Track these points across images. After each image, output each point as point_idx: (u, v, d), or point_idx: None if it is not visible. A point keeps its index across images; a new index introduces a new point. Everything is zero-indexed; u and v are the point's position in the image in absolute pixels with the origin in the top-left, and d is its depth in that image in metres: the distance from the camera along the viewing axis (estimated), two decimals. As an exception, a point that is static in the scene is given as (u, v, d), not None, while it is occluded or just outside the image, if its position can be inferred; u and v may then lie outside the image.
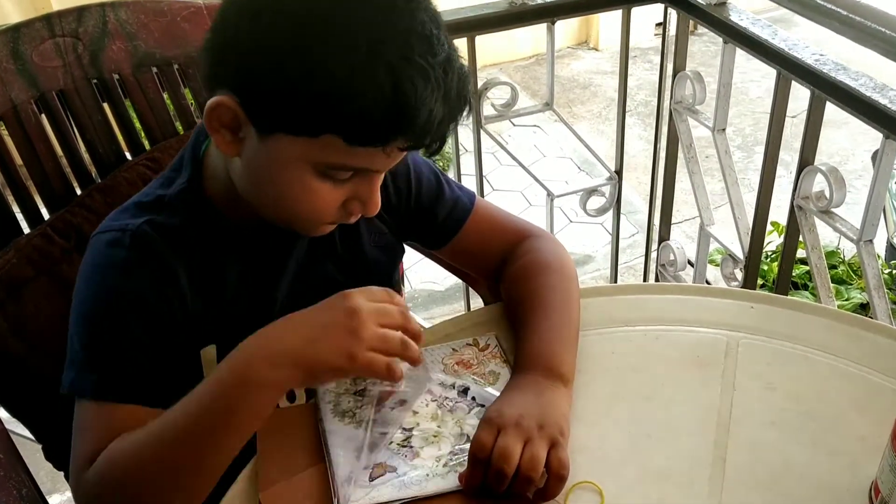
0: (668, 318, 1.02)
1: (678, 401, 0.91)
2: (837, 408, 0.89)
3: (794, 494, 0.81)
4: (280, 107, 0.76)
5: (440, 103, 0.77)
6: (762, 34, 1.45)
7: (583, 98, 4.62)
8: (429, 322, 1.97)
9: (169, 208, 0.88)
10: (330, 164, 0.80)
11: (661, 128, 1.89)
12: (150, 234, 0.86)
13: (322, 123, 0.76)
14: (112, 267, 0.86)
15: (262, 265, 0.93)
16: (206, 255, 0.89)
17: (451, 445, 0.86)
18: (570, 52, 5.10)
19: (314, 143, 0.77)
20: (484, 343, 0.99)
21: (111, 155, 1.15)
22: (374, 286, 0.82)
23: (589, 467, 0.83)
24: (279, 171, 0.81)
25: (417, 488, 0.81)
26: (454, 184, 1.07)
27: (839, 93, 1.31)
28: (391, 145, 0.78)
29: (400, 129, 0.76)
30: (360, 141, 0.76)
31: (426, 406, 0.91)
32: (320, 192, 0.82)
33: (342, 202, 0.84)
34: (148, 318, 0.85)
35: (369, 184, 0.84)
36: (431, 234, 1.06)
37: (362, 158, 0.79)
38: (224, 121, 0.80)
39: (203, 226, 0.89)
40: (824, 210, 1.46)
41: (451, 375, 0.94)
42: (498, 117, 1.75)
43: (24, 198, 1.11)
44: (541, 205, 3.69)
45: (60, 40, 1.08)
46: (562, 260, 1.02)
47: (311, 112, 0.75)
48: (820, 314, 1.02)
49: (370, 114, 0.74)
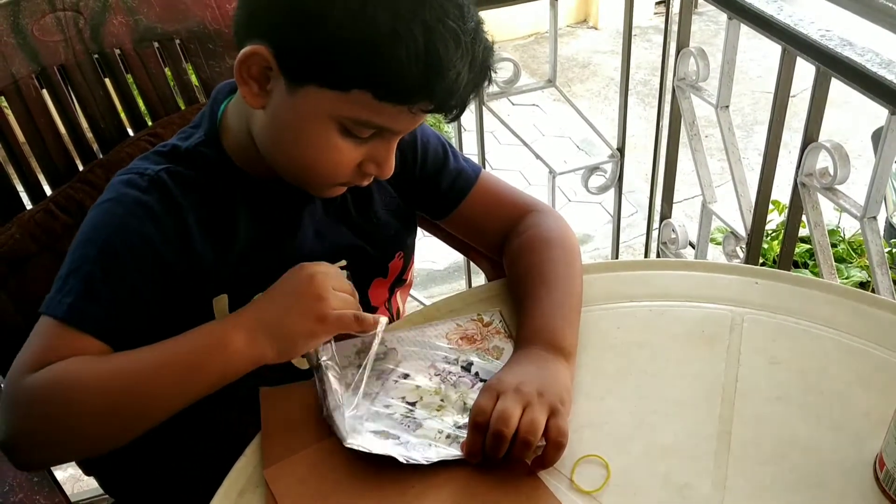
0: (673, 294, 1.02)
1: (683, 376, 0.91)
2: (842, 383, 0.90)
3: (799, 469, 0.81)
4: (316, 57, 0.78)
5: (467, 68, 0.80)
6: (767, 9, 1.44)
7: (582, 77, 4.60)
8: (429, 301, 1.97)
9: (186, 159, 0.90)
10: (356, 120, 0.81)
11: (663, 105, 1.89)
12: (166, 181, 0.88)
13: (356, 76, 0.78)
14: (123, 203, 0.87)
15: (275, 221, 0.94)
16: (219, 206, 0.90)
17: (454, 419, 0.86)
18: (569, 31, 5.07)
19: (343, 98, 0.79)
20: (488, 318, 0.99)
21: (113, 130, 1.14)
22: (324, 261, 0.88)
23: (595, 442, 0.84)
24: (304, 125, 0.83)
25: (420, 454, 0.81)
26: (461, 155, 1.08)
27: (845, 68, 1.30)
28: (417, 105, 0.80)
29: (429, 88, 0.78)
30: (389, 97, 0.79)
31: (430, 380, 0.91)
32: (341, 149, 0.84)
33: (359, 163, 0.86)
34: (145, 259, 0.85)
35: (387, 146, 0.86)
36: (435, 203, 1.07)
37: (388, 117, 0.81)
38: (253, 72, 0.82)
39: (218, 178, 0.90)
40: (828, 187, 1.46)
41: (455, 350, 0.94)
42: (500, 94, 1.74)
43: (27, 173, 1.11)
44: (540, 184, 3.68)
45: (61, 14, 1.07)
46: (565, 235, 1.03)
47: (347, 64, 0.78)
48: (824, 290, 1.02)
49: (403, 70, 0.76)
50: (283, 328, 0.82)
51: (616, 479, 0.81)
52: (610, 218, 3.40)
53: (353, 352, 0.93)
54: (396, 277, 1.06)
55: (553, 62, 1.77)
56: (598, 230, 3.38)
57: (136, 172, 0.89)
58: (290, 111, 0.82)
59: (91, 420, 0.79)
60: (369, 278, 1.02)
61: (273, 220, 0.94)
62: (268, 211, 0.93)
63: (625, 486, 0.80)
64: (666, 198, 2.07)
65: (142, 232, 0.85)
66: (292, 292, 0.84)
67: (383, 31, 0.75)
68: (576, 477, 0.81)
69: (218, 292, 0.91)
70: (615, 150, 1.95)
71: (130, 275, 0.84)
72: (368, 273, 1.02)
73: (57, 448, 0.81)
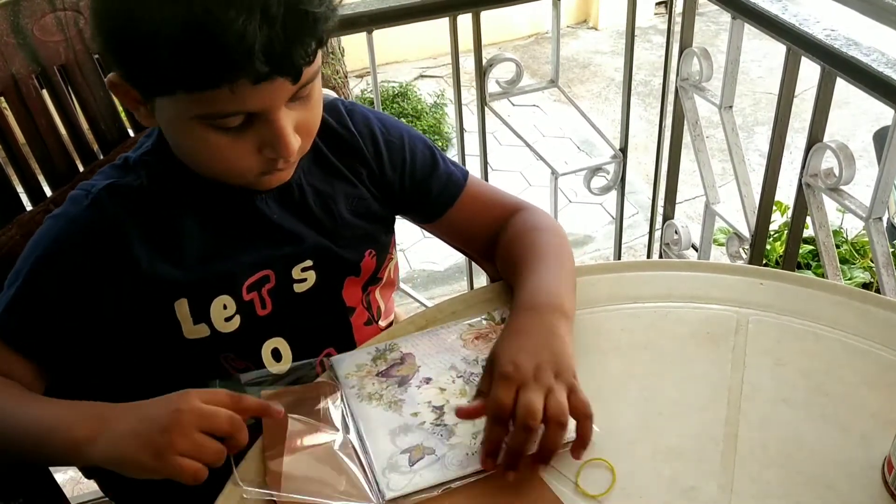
0: (677, 295, 1.01)
1: (689, 378, 0.91)
2: (849, 384, 0.89)
3: (806, 471, 0.80)
4: (132, 74, 0.80)
5: (258, 20, 0.73)
6: (772, 9, 1.44)
7: (582, 78, 4.60)
8: (430, 302, 1.97)
9: (134, 170, 0.92)
10: (207, 115, 0.79)
11: (666, 105, 1.88)
12: (105, 198, 0.89)
13: (159, 80, 0.77)
14: (63, 219, 0.89)
15: (227, 221, 0.93)
16: (166, 214, 0.91)
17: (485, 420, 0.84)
18: (569, 32, 5.07)
19: (180, 100, 0.78)
20: (500, 317, 0.98)
21: (113, 131, 1.14)
22: (224, 390, 0.80)
23: (601, 445, 0.83)
24: (181, 133, 0.84)
25: (458, 469, 0.80)
26: (448, 159, 1.08)
27: (850, 68, 1.30)
28: (233, 81, 0.75)
29: (222, 65, 0.74)
30: (196, 86, 0.76)
31: (452, 383, 0.90)
32: (224, 144, 0.82)
33: (256, 150, 0.84)
34: (72, 276, 0.87)
35: (270, 127, 0.81)
36: (425, 208, 1.07)
37: (228, 101, 0.77)
38: (132, 96, 0.83)
39: (165, 185, 0.91)
40: (833, 187, 1.45)
41: (472, 350, 0.94)
42: (503, 94, 1.74)
43: (27, 174, 1.10)
44: (540, 185, 3.69)
45: (62, 14, 1.07)
46: (554, 225, 1.04)
47: (145, 73, 0.78)
48: (830, 290, 1.01)
49: (182, 57, 0.73)
50: (119, 445, 0.77)
51: (621, 482, 0.80)
52: (610, 219, 3.40)
53: (370, 359, 0.93)
54: (371, 276, 1.04)
55: (555, 63, 1.77)
56: (599, 231, 3.37)
57: (83, 189, 0.91)
58: (166, 124, 0.84)
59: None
60: (340, 278, 1.01)
61: (225, 221, 0.93)
62: (220, 212, 0.93)
63: (630, 490, 0.80)
64: (668, 198, 2.07)
65: (71, 248, 0.88)
66: (149, 416, 0.78)
67: (146, 30, 0.74)
68: (581, 481, 0.80)
69: (177, 297, 0.91)
70: (617, 150, 1.94)
71: (51, 291, 0.87)
72: (338, 272, 1.00)
73: None
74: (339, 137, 0.99)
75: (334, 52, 3.16)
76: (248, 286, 0.93)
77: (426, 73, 4.71)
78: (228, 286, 0.92)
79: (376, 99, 1.71)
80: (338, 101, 1.03)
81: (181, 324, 0.91)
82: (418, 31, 2.06)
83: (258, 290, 0.94)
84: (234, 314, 0.93)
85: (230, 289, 0.92)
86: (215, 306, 0.92)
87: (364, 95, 4.34)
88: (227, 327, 0.93)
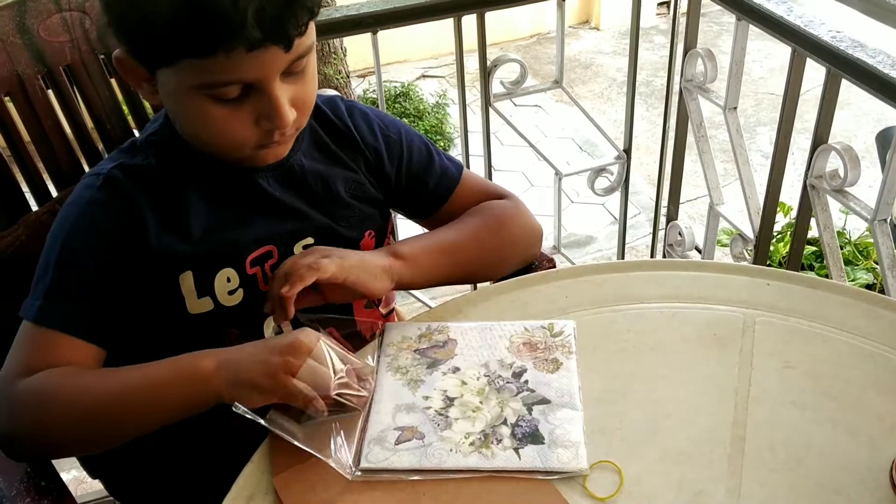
0: (684, 296, 1.01)
1: (696, 380, 0.91)
2: (856, 387, 0.89)
3: (814, 474, 0.80)
4: (135, 45, 0.82)
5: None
6: (777, 10, 1.43)
7: (584, 78, 4.59)
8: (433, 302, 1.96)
9: (141, 150, 0.94)
10: (207, 84, 0.82)
11: (670, 106, 1.88)
12: (118, 177, 0.91)
13: (162, 48, 0.80)
14: (78, 205, 0.91)
15: (230, 196, 0.95)
16: (173, 190, 0.93)
17: (485, 425, 0.85)
18: (571, 32, 5.07)
19: (182, 70, 0.81)
20: (559, 329, 0.96)
21: (119, 131, 1.14)
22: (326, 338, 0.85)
23: (608, 447, 0.83)
24: (182, 105, 0.86)
25: (436, 461, 0.81)
26: (443, 154, 1.10)
27: (855, 70, 1.29)
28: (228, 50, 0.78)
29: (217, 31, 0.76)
30: (197, 52, 0.78)
31: (476, 380, 0.90)
32: (222, 116, 0.84)
33: (253, 123, 0.86)
34: (103, 253, 0.89)
35: (266, 98, 0.84)
36: (421, 202, 1.09)
37: (227, 69, 0.80)
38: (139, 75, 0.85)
39: (171, 162, 0.93)
40: (838, 189, 1.45)
41: (512, 355, 0.93)
42: (507, 95, 1.74)
43: (32, 174, 1.10)
44: (543, 185, 3.69)
45: (67, 14, 1.06)
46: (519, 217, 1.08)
47: (147, 42, 0.80)
48: (837, 292, 1.01)
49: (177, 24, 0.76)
50: (239, 372, 0.82)
51: (629, 485, 0.80)
52: (611, 219, 3.40)
53: (416, 335, 0.96)
54: None
55: (559, 63, 1.77)
56: (601, 231, 3.37)
57: (93, 174, 0.93)
58: (168, 97, 0.87)
59: (65, 429, 0.85)
60: None
61: (229, 197, 0.95)
62: (224, 188, 0.95)
63: (638, 493, 0.79)
64: (672, 199, 2.06)
65: (95, 228, 0.90)
66: (267, 345, 0.84)
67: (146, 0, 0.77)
68: (589, 483, 0.80)
69: (182, 269, 0.92)
70: (621, 151, 1.94)
71: (89, 271, 0.88)
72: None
73: (42, 448, 0.88)
74: (339, 130, 1.02)
75: (336, 51, 3.16)
76: (251, 260, 0.95)
77: (428, 73, 4.71)
78: (233, 259, 0.94)
79: (380, 99, 1.71)
80: (337, 97, 1.06)
81: (185, 299, 0.93)
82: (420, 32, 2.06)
83: (261, 266, 0.96)
84: (237, 287, 0.94)
85: (234, 261, 0.94)
86: (219, 279, 0.93)
87: (366, 95, 4.34)
88: (230, 301, 0.94)
